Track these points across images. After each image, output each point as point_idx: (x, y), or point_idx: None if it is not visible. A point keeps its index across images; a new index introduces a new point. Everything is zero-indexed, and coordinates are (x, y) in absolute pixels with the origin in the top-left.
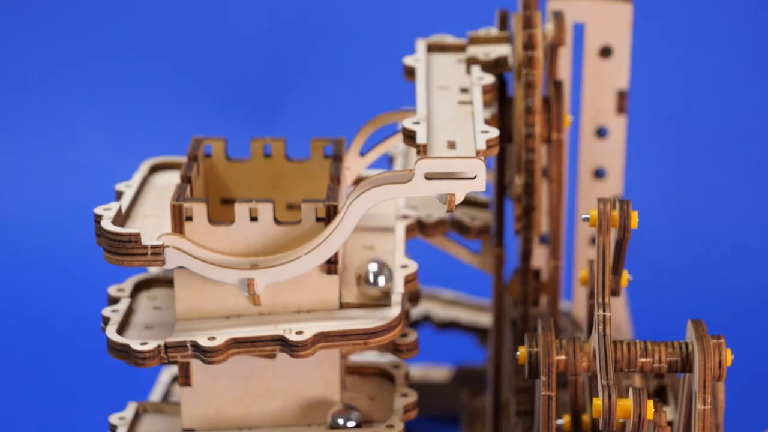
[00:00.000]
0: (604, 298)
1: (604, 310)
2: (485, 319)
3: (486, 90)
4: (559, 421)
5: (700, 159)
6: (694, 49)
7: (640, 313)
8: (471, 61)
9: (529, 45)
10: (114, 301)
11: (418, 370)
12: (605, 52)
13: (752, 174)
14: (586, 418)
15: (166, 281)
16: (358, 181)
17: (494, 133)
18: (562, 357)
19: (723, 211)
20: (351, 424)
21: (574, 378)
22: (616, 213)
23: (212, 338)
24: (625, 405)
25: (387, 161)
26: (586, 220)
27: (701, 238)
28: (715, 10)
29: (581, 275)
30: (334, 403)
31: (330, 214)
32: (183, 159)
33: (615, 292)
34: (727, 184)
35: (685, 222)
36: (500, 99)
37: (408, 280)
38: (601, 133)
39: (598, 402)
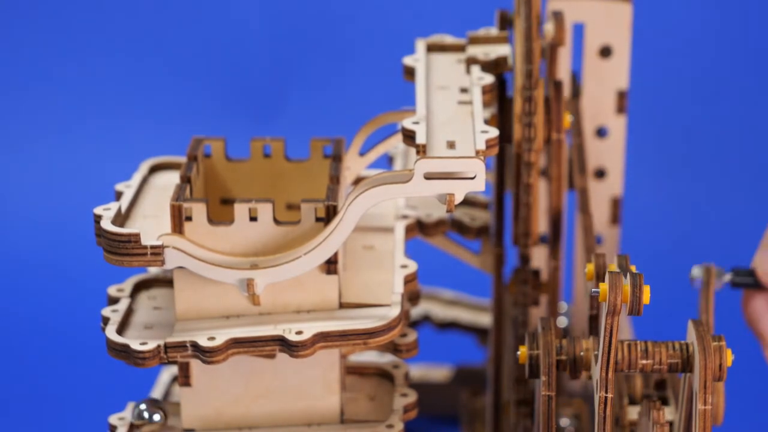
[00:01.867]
0: (607, 374)
1: (606, 391)
2: (485, 319)
3: (486, 90)
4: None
5: (700, 159)
6: (693, 49)
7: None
8: (470, 61)
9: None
10: (114, 301)
11: (418, 370)
12: (605, 52)
13: (752, 173)
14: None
15: (166, 281)
16: (357, 181)
17: (494, 133)
18: (563, 357)
19: (723, 211)
20: (156, 418)
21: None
22: (627, 287)
23: (212, 338)
24: None
25: (387, 161)
26: (596, 293)
27: (701, 237)
28: (715, 10)
29: (587, 270)
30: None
31: (330, 214)
32: (183, 159)
33: None
34: (726, 183)
35: (685, 222)
36: (500, 99)
37: (408, 280)
38: (601, 133)
39: None
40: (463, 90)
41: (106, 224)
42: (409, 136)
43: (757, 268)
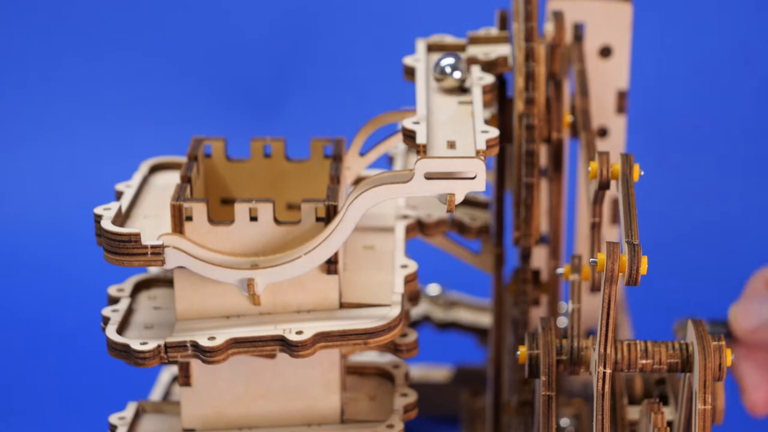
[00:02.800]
0: (605, 350)
1: (604, 366)
2: (485, 319)
3: (486, 90)
4: (560, 270)
5: (700, 158)
6: (693, 49)
7: (640, 313)
8: (471, 61)
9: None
10: (114, 301)
11: (418, 370)
12: (605, 52)
13: (752, 173)
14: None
15: (166, 281)
16: (358, 181)
17: (494, 133)
18: (563, 357)
19: (723, 211)
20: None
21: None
22: (625, 257)
23: (212, 338)
24: None
25: (387, 161)
26: (593, 263)
27: (701, 237)
28: (714, 9)
29: (591, 168)
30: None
31: (330, 214)
32: (183, 159)
33: None
34: (726, 183)
35: (685, 221)
36: (500, 99)
37: (408, 280)
38: (601, 133)
39: None
40: (464, 90)
41: (107, 224)
42: (409, 136)
43: (732, 321)
